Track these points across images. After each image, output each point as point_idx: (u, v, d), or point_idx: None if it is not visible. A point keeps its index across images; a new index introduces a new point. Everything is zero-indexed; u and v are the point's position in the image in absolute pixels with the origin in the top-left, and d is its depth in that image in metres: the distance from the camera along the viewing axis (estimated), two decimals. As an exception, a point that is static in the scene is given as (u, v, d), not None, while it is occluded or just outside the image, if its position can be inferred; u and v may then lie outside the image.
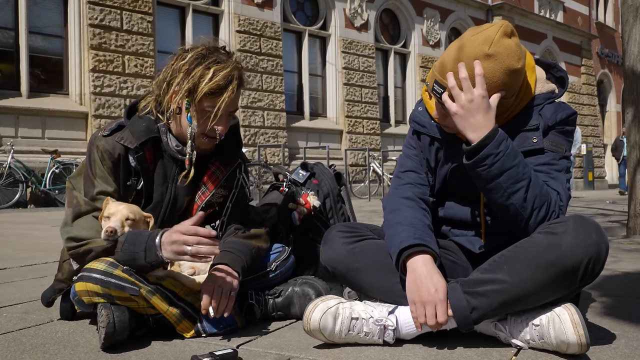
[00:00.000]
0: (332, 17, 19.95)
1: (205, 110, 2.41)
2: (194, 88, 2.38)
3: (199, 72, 2.37)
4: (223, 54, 2.46)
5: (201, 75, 2.37)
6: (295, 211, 2.99)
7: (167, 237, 2.22)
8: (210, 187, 2.59)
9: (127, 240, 2.26)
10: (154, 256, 2.22)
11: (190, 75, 2.38)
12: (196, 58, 2.41)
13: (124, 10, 14.92)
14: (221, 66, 2.40)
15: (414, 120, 2.48)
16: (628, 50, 6.08)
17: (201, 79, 2.37)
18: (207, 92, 2.36)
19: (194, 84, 2.37)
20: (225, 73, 2.39)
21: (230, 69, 2.41)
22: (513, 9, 26.11)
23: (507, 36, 2.08)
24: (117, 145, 2.44)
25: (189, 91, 2.39)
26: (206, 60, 2.40)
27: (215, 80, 2.36)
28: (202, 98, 2.38)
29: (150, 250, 2.23)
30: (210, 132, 2.46)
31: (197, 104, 2.40)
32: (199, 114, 2.42)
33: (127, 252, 2.25)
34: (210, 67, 2.38)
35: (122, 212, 2.35)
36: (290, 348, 2.20)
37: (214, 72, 2.37)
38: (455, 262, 2.42)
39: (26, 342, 2.30)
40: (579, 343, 1.96)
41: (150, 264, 2.24)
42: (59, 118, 14.02)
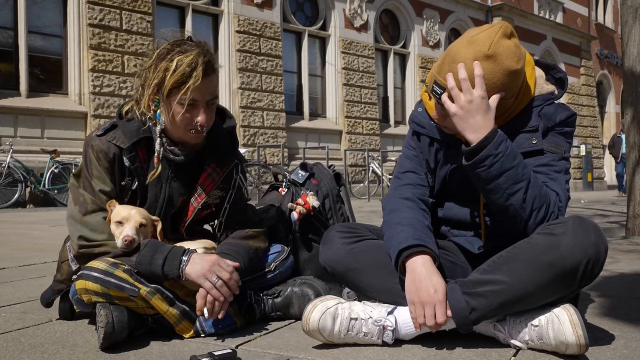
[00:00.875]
0: (332, 17, 19.96)
1: (179, 103, 2.38)
2: (161, 83, 2.37)
3: (164, 66, 2.36)
4: (189, 45, 2.42)
5: (166, 69, 2.36)
6: (295, 211, 2.99)
7: (203, 257, 2.32)
8: (207, 188, 2.59)
9: (147, 246, 2.30)
10: (173, 267, 2.26)
11: (156, 71, 2.38)
12: (160, 54, 2.40)
13: (124, 10, 14.93)
14: (184, 55, 2.36)
15: (414, 121, 2.48)
16: (627, 51, 6.08)
17: (166, 72, 2.35)
18: (174, 83, 2.34)
19: (160, 79, 2.37)
20: (189, 60, 2.34)
21: (193, 56, 2.36)
22: (512, 10, 26.12)
23: (507, 37, 2.08)
24: (111, 145, 2.44)
25: (157, 87, 2.39)
26: (170, 53, 2.38)
27: (179, 70, 2.33)
28: (171, 91, 2.36)
29: (170, 260, 2.27)
30: (190, 125, 2.43)
31: (169, 98, 2.38)
32: (173, 109, 2.40)
33: (145, 256, 2.27)
34: (173, 59, 2.36)
35: (135, 219, 2.37)
36: (289, 348, 2.20)
37: (177, 62, 2.34)
38: (454, 263, 2.42)
39: (25, 342, 2.30)
40: (577, 344, 1.96)
41: (164, 274, 2.26)
42: (58, 118, 14.02)
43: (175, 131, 2.46)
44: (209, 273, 2.28)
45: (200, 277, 2.27)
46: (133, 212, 2.38)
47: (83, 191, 2.46)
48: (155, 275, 2.27)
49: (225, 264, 2.34)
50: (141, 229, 2.37)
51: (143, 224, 2.38)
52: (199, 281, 2.27)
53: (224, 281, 2.29)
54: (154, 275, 2.27)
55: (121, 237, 2.31)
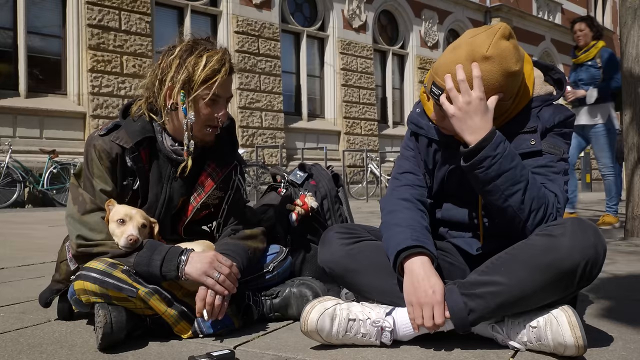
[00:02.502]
0: (331, 18, 19.96)
1: (202, 99, 2.43)
2: (190, 78, 2.40)
3: (192, 61, 2.41)
4: (209, 43, 2.50)
5: (195, 64, 2.40)
6: (293, 212, 2.99)
7: (201, 255, 2.32)
8: (206, 188, 2.59)
9: (145, 247, 2.31)
10: (171, 268, 2.26)
11: (184, 66, 2.40)
12: (185, 50, 2.44)
13: (123, 11, 14.93)
14: (212, 52, 2.45)
15: (412, 121, 2.48)
16: (626, 52, 6.08)
17: (195, 67, 2.40)
18: (204, 78, 2.40)
19: (188, 73, 2.40)
20: (218, 57, 2.43)
21: (222, 54, 2.46)
22: (511, 11, 26.13)
23: (505, 38, 2.08)
24: (114, 145, 2.44)
25: (185, 82, 2.41)
26: (196, 50, 2.43)
27: (210, 65, 2.40)
28: (199, 86, 2.40)
29: (169, 261, 2.27)
30: (211, 120, 2.49)
31: (195, 93, 2.41)
32: (197, 104, 2.44)
33: (144, 257, 2.27)
34: (202, 55, 2.42)
35: (137, 219, 2.37)
36: (287, 349, 2.20)
37: (207, 59, 2.41)
38: (452, 264, 2.42)
39: (23, 342, 2.30)
40: (576, 345, 1.96)
41: (162, 275, 2.26)
42: (57, 118, 14.02)
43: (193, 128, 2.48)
44: (210, 270, 2.28)
45: (202, 275, 2.27)
46: (134, 212, 2.39)
47: (82, 191, 2.46)
48: (153, 276, 2.27)
49: (224, 259, 2.35)
50: (142, 230, 2.37)
51: (144, 225, 2.39)
52: (201, 279, 2.27)
53: (225, 276, 2.30)
54: (152, 276, 2.27)
55: (125, 236, 2.31)
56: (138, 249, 2.30)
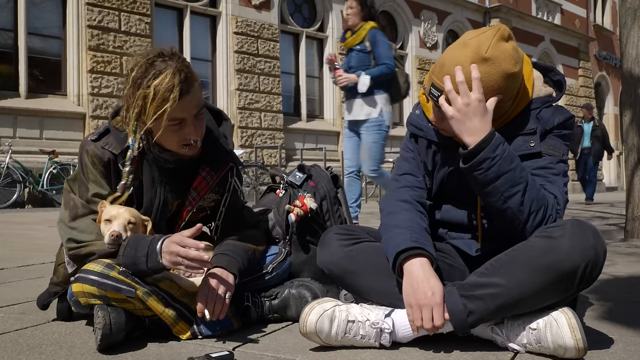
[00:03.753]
0: (330, 19, 19.96)
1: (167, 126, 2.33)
2: (143, 111, 2.31)
3: (142, 94, 2.29)
4: (161, 62, 2.32)
5: (144, 97, 2.28)
6: (292, 213, 2.99)
7: (166, 246, 2.25)
8: (201, 192, 2.57)
9: (129, 244, 2.28)
10: (155, 262, 2.24)
11: (135, 100, 2.30)
12: (135, 80, 2.32)
13: (122, 12, 14.93)
14: (160, 79, 2.27)
15: (411, 123, 2.48)
16: (626, 52, 6.08)
17: (145, 100, 2.28)
18: (155, 110, 2.27)
19: (140, 107, 2.31)
20: (165, 84, 2.26)
21: (169, 79, 2.27)
22: (510, 11, 26.13)
23: (504, 40, 2.08)
24: (105, 151, 2.44)
25: (138, 116, 2.33)
26: (145, 79, 2.30)
27: (158, 97, 2.26)
28: (152, 118, 2.29)
29: (151, 255, 2.25)
30: (184, 140, 2.40)
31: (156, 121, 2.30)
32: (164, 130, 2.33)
33: (129, 256, 2.26)
34: (149, 85, 2.27)
35: (124, 216, 2.35)
36: (286, 350, 2.20)
37: (154, 89, 2.26)
38: (452, 266, 2.42)
39: (23, 343, 2.30)
40: (576, 347, 1.96)
41: (151, 269, 2.26)
42: (57, 119, 14.03)
43: (169, 148, 2.43)
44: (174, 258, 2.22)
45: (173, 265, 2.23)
46: (122, 211, 2.37)
47: (74, 196, 2.46)
48: (144, 273, 2.27)
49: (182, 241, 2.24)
50: (130, 227, 2.35)
51: (132, 222, 2.37)
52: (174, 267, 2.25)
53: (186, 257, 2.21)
54: (143, 273, 2.27)
55: (108, 232, 2.31)
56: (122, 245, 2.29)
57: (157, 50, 2.36)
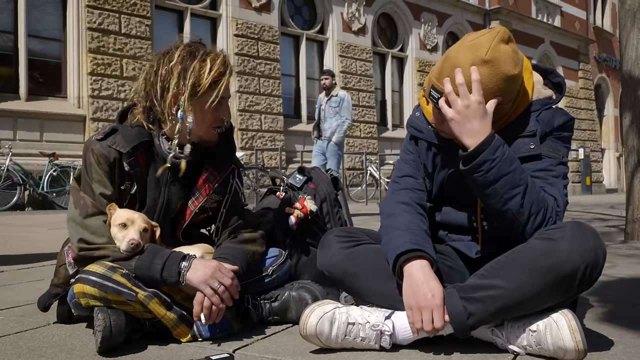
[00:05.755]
0: (330, 21, 19.97)
1: (207, 102, 2.43)
2: (197, 82, 2.40)
3: (197, 66, 2.40)
4: (204, 46, 2.51)
5: (200, 68, 2.40)
6: (292, 215, 2.99)
7: (205, 263, 2.33)
8: (204, 192, 2.58)
9: (147, 251, 2.31)
10: (172, 273, 2.27)
11: (190, 72, 2.39)
12: (186, 55, 2.43)
13: (122, 14, 14.94)
14: (214, 55, 2.46)
15: (412, 125, 2.48)
16: (625, 54, 6.09)
17: (201, 71, 2.40)
18: (212, 82, 2.40)
19: (195, 78, 2.39)
20: (221, 60, 2.45)
21: (223, 56, 2.48)
22: (510, 14, 26.13)
23: (504, 42, 2.08)
24: (111, 150, 2.44)
25: (192, 87, 2.40)
26: (198, 54, 2.43)
27: (216, 69, 2.41)
28: (207, 90, 2.41)
29: (169, 266, 2.27)
30: (218, 121, 2.51)
31: (199, 98, 2.42)
32: (203, 107, 2.44)
33: (145, 260, 2.28)
34: (205, 59, 2.42)
35: (139, 223, 2.37)
36: (286, 353, 2.20)
37: (211, 62, 2.42)
38: (452, 268, 2.41)
39: (23, 346, 2.30)
40: (576, 349, 1.96)
41: (163, 279, 2.26)
42: (57, 121, 14.04)
43: (199, 130, 2.49)
44: (211, 279, 2.28)
45: (202, 284, 2.27)
46: (136, 216, 2.38)
47: (84, 194, 2.45)
48: (154, 280, 2.27)
49: (226, 270, 2.35)
50: (144, 234, 2.37)
51: (146, 229, 2.39)
52: (200, 287, 2.27)
53: (225, 287, 2.30)
54: (152, 280, 2.27)
55: (126, 240, 2.31)
56: (139, 253, 2.30)
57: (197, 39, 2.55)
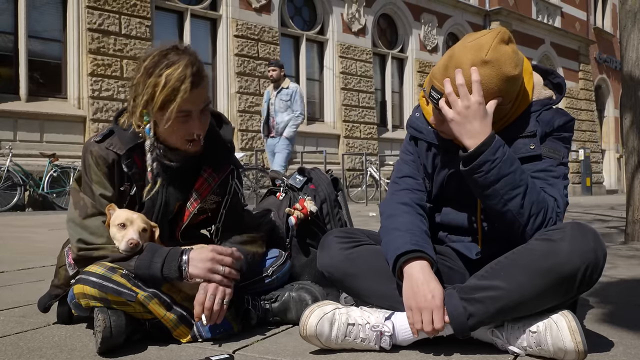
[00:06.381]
0: (330, 22, 19.98)
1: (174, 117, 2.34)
2: (150, 99, 2.32)
3: (152, 82, 2.31)
4: (175, 54, 2.35)
5: (155, 85, 2.30)
6: (292, 216, 2.99)
7: (200, 253, 2.32)
8: (203, 194, 2.57)
9: (145, 250, 2.31)
10: (172, 269, 2.27)
11: (144, 89, 2.33)
12: (147, 68, 2.34)
13: (123, 15, 14.94)
14: (172, 69, 2.30)
15: (411, 126, 2.48)
16: (626, 55, 6.09)
17: (155, 87, 2.30)
18: (164, 99, 2.29)
19: (150, 95, 2.32)
20: (177, 75, 2.28)
21: (182, 69, 2.30)
22: (510, 14, 26.14)
23: (505, 43, 2.08)
24: (109, 152, 2.43)
25: (147, 104, 2.34)
26: (157, 68, 2.32)
27: (169, 85, 2.28)
28: (163, 106, 2.31)
29: (169, 263, 2.27)
30: (188, 135, 2.41)
31: (162, 112, 2.32)
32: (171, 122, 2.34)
33: (144, 259, 2.28)
34: (161, 74, 2.30)
35: (138, 223, 2.37)
36: (286, 353, 2.20)
37: (165, 78, 2.29)
38: (452, 268, 2.41)
39: (23, 346, 2.30)
40: (576, 350, 1.96)
41: (163, 277, 2.27)
42: (58, 122, 14.04)
43: (173, 142, 2.45)
44: (214, 265, 2.31)
45: (208, 273, 2.30)
46: (135, 216, 2.38)
47: (83, 195, 2.45)
48: (154, 279, 2.27)
49: (222, 249, 2.38)
50: (143, 234, 2.37)
51: (145, 229, 2.39)
52: (208, 277, 2.30)
53: (228, 266, 2.34)
54: (153, 279, 2.27)
55: (125, 239, 2.31)
56: (138, 253, 2.30)
57: (172, 44, 2.40)
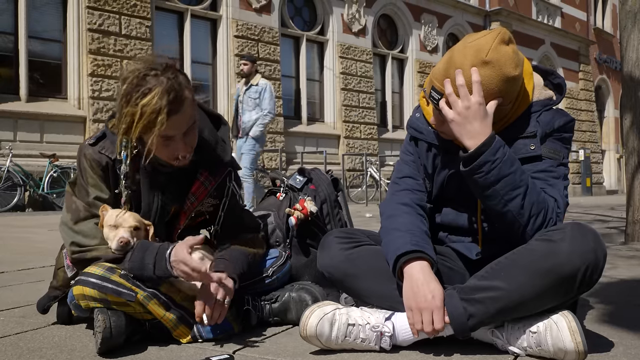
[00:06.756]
0: (330, 22, 19.97)
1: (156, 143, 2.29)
2: (129, 128, 2.27)
3: (130, 112, 2.24)
4: (153, 77, 2.25)
5: (132, 114, 2.24)
6: (292, 217, 2.99)
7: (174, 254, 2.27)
8: (199, 197, 2.56)
9: (136, 250, 2.30)
10: (164, 269, 2.26)
11: (124, 117, 2.27)
12: (125, 95, 2.26)
13: (123, 15, 14.94)
14: (148, 98, 2.20)
15: (412, 126, 2.48)
16: (626, 56, 6.08)
17: (132, 117, 2.24)
18: (142, 129, 2.24)
19: (127, 124, 2.27)
20: (152, 106, 2.20)
21: (157, 99, 2.20)
22: (511, 15, 26.13)
23: (505, 43, 2.08)
24: (102, 155, 2.43)
25: (126, 131, 2.29)
26: (133, 97, 2.24)
27: (145, 117, 2.22)
28: (140, 135, 2.27)
29: (160, 262, 2.26)
30: (173, 156, 2.37)
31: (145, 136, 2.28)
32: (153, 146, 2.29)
33: (136, 261, 2.27)
34: (137, 104, 2.22)
35: (129, 222, 2.36)
36: (286, 354, 2.20)
37: (141, 109, 2.21)
38: (452, 269, 2.41)
39: (23, 347, 2.30)
40: (576, 350, 1.96)
41: (157, 277, 2.27)
42: (58, 122, 14.04)
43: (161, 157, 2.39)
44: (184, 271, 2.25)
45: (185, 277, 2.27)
46: (127, 215, 2.38)
47: (76, 199, 2.45)
48: (149, 279, 2.27)
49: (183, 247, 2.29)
50: (135, 232, 2.37)
51: (137, 227, 2.38)
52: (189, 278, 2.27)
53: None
54: (148, 280, 2.27)
55: (116, 239, 2.31)
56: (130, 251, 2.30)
57: (150, 64, 2.29)
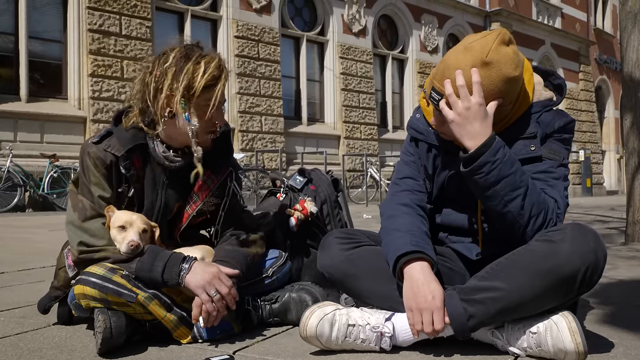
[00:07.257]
0: (330, 22, 19.98)
1: (200, 105, 2.40)
2: (190, 85, 2.35)
3: (191, 68, 2.36)
4: (201, 48, 2.46)
5: (194, 71, 2.36)
6: (292, 217, 2.99)
7: (207, 269, 2.30)
8: (202, 196, 2.58)
9: (147, 252, 2.31)
10: (173, 275, 2.26)
11: (183, 74, 2.36)
12: (180, 57, 2.39)
13: (123, 16, 14.95)
14: (209, 58, 2.41)
15: (412, 127, 2.48)
16: (626, 56, 6.09)
17: (195, 74, 2.35)
18: (205, 85, 2.35)
19: (189, 80, 2.35)
20: (216, 63, 2.40)
21: (219, 59, 2.43)
22: (511, 15, 26.14)
23: (505, 44, 2.08)
24: (107, 153, 2.44)
25: (185, 90, 2.36)
26: (192, 56, 2.39)
27: (210, 72, 2.37)
28: (201, 93, 2.37)
29: (170, 268, 2.27)
30: (212, 126, 2.46)
31: (193, 101, 2.38)
32: (197, 111, 2.40)
33: (146, 262, 2.27)
34: (199, 62, 2.37)
35: (138, 224, 2.37)
36: (286, 354, 2.19)
37: (205, 65, 2.37)
38: (452, 269, 2.41)
39: (23, 347, 2.30)
40: (576, 351, 1.96)
41: (164, 281, 2.26)
42: (58, 122, 14.05)
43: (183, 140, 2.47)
44: (209, 285, 2.27)
45: (199, 288, 2.26)
46: (135, 217, 2.38)
47: (82, 197, 2.45)
48: (155, 282, 2.27)
49: (226, 278, 2.33)
50: (143, 235, 2.37)
51: (145, 230, 2.38)
52: (196, 292, 2.26)
53: (222, 295, 2.28)
54: (153, 282, 2.27)
55: (126, 241, 2.31)
56: (139, 255, 2.30)
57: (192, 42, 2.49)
